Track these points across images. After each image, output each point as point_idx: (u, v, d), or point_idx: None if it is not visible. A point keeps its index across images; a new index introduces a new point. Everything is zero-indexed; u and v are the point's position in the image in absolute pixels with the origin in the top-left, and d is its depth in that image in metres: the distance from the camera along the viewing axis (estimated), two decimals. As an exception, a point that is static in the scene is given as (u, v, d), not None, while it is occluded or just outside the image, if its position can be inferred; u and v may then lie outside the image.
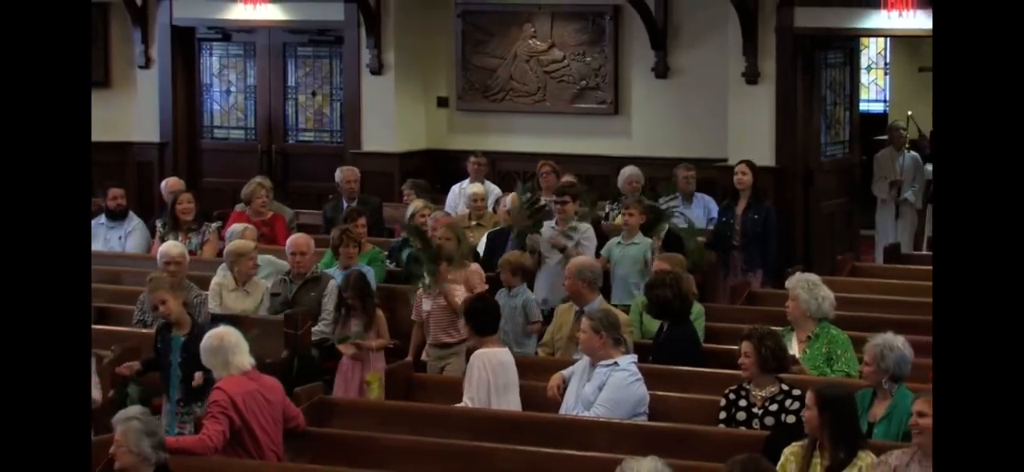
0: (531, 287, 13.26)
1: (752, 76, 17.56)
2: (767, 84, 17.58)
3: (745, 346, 9.83)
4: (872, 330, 9.99)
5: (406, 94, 19.35)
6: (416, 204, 15.00)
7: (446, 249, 12.75)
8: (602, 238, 14.21)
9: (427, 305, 12.50)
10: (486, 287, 12.75)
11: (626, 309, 12.37)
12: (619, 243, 13.82)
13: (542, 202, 15.21)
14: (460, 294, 12.27)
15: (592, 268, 12.09)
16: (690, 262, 13.32)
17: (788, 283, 11.31)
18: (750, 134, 17.59)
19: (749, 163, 15.43)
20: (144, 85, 20.43)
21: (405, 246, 14.31)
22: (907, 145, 18.68)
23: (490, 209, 15.72)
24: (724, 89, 17.83)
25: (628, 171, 16.47)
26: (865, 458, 8.35)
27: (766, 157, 17.45)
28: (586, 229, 13.97)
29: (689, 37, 18.35)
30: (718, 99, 17.90)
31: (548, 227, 13.98)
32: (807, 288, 11.02)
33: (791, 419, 9.44)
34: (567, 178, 16.11)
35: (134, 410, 9.16)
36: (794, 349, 10.83)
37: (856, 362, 10.51)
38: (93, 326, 12.70)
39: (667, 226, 14.30)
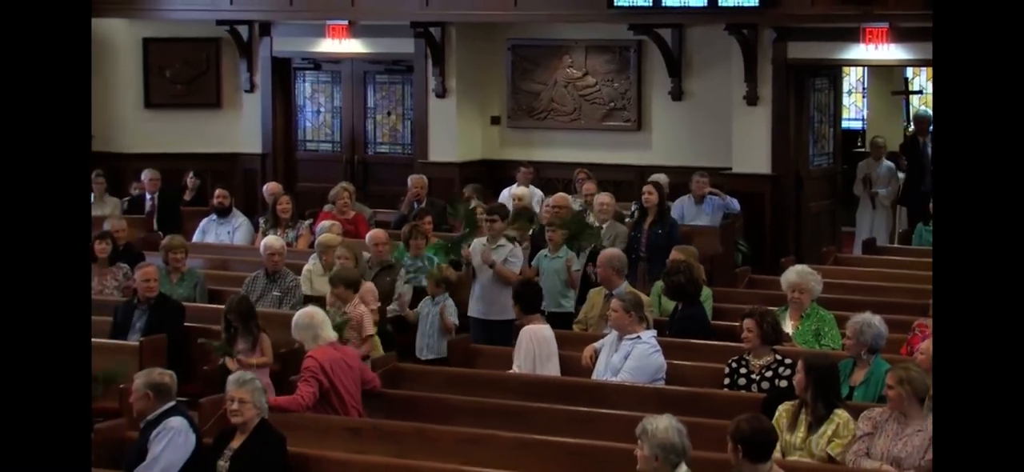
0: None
1: (752, 99, 17.52)
2: (764, 105, 17.55)
3: (747, 323, 9.94)
4: (852, 310, 10.10)
5: (465, 114, 19.34)
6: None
7: (345, 270, 12.07)
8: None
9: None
10: (378, 304, 12.21)
11: (554, 316, 12.28)
12: (546, 256, 13.08)
13: (581, 207, 15.21)
14: (368, 322, 11.49)
15: (620, 258, 12.05)
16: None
17: (792, 275, 11.25)
18: (750, 147, 17.62)
19: (656, 184, 14.39)
20: (249, 106, 20.47)
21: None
22: (884, 155, 18.62)
23: (536, 209, 15.71)
24: (729, 109, 17.80)
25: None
26: (841, 415, 8.56)
27: (764, 166, 17.54)
28: (513, 248, 12.75)
29: (700, 67, 18.31)
30: (724, 118, 17.86)
31: (478, 243, 12.84)
32: (814, 278, 11.13)
33: (783, 384, 9.50)
34: (589, 186, 16.14)
35: (248, 374, 9.19)
36: (788, 327, 10.85)
37: (839, 337, 10.51)
38: (204, 304, 12.83)
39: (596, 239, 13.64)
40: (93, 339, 10.86)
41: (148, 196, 17.53)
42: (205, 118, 20.52)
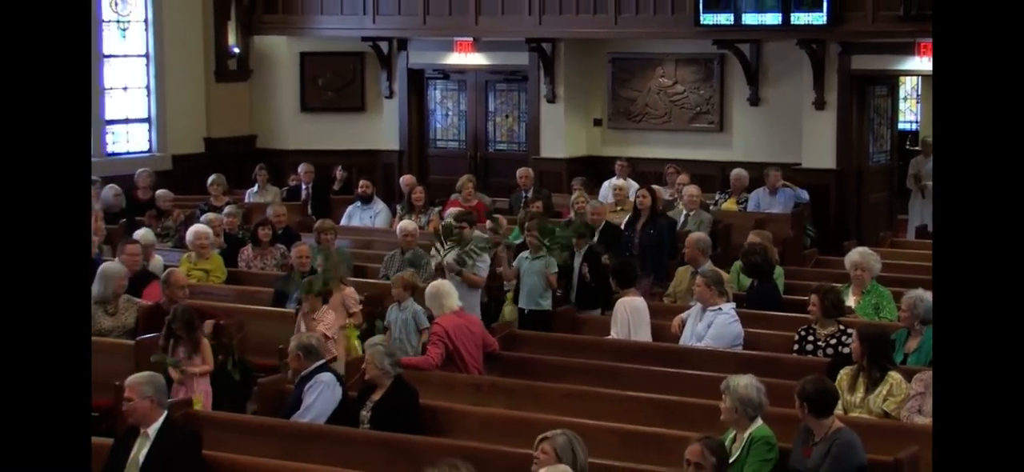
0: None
1: (820, 104, 17.34)
2: (830, 110, 17.36)
3: (813, 298, 9.89)
4: (907, 287, 10.01)
5: (572, 116, 19.30)
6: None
7: (324, 275, 10.74)
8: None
9: (303, 327, 10.24)
10: (360, 308, 11.10)
11: (534, 314, 11.66)
12: (527, 258, 11.97)
13: (670, 197, 15.06)
14: (327, 321, 10.31)
15: (705, 241, 11.95)
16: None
17: (855, 255, 11.12)
18: (817, 145, 17.43)
19: (650, 189, 13.56)
20: (388, 110, 20.57)
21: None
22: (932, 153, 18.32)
23: (630, 198, 15.63)
24: (799, 113, 17.63)
25: (735, 172, 16.65)
26: (894, 377, 8.47)
27: (829, 162, 17.38)
28: (482, 254, 11.90)
29: (774, 76, 18.14)
30: (795, 120, 17.69)
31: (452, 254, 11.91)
32: (873, 258, 11.00)
33: (846, 350, 9.34)
34: (682, 177, 16.08)
35: (379, 337, 9.23)
36: (851, 301, 10.72)
37: (896, 310, 10.38)
38: (351, 278, 12.90)
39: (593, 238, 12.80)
40: (256, 307, 11.14)
41: (303, 186, 17.67)
42: (351, 120, 20.66)
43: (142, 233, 13.24)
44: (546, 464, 6.55)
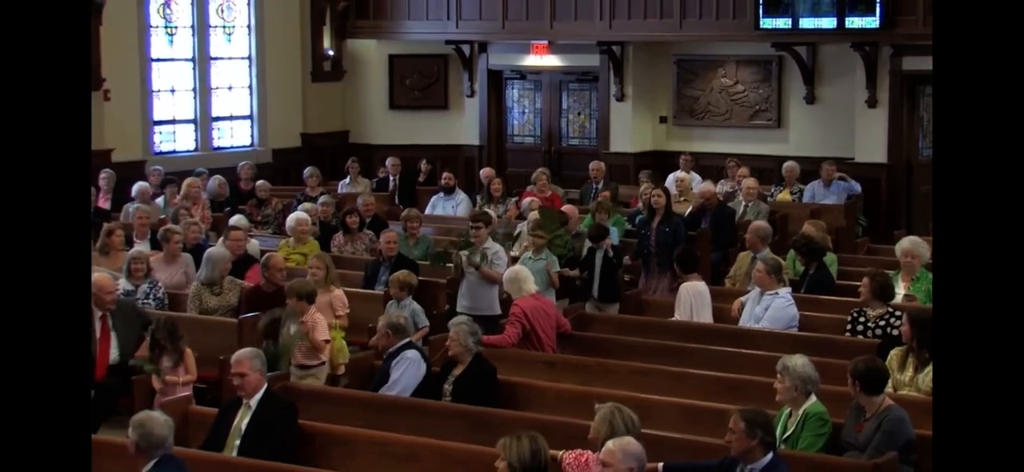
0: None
1: (872, 102, 17.17)
2: (882, 108, 17.16)
3: (865, 281, 9.77)
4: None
5: (639, 114, 19.22)
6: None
7: (300, 282, 10.04)
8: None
9: (292, 329, 9.77)
10: (347, 310, 10.52)
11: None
12: (529, 258, 11.65)
13: (730, 189, 14.94)
14: (321, 329, 9.74)
15: (765, 229, 11.88)
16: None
17: (906, 244, 10.96)
18: (870, 141, 17.25)
19: (664, 188, 13.22)
20: (470, 108, 20.60)
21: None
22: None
23: (693, 190, 15.55)
24: (852, 111, 17.45)
25: (788, 164, 16.49)
26: None
27: (881, 156, 17.21)
28: (497, 249, 11.51)
29: (829, 76, 17.98)
30: (848, 117, 17.52)
31: (464, 252, 11.51)
32: (923, 246, 10.82)
33: (895, 332, 9.25)
34: (742, 170, 15.97)
35: (464, 317, 9.24)
36: (900, 287, 10.57)
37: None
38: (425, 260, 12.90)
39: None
40: (347, 289, 11.20)
41: (391, 178, 17.75)
42: (435, 117, 20.71)
43: (237, 219, 13.38)
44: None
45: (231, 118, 19.70)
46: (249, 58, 19.82)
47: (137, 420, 6.61)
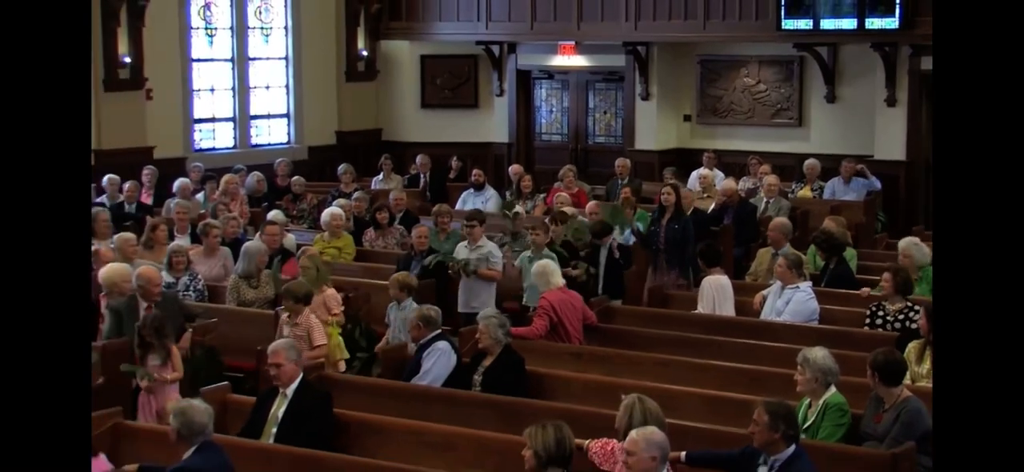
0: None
1: (891, 101, 17.07)
2: (901, 107, 17.06)
3: (886, 276, 9.73)
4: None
5: (663, 113, 19.18)
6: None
7: (295, 284, 9.68)
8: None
9: (286, 331, 9.32)
10: (341, 308, 10.15)
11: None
12: (529, 257, 11.36)
13: (752, 186, 14.89)
14: (317, 332, 9.42)
15: (786, 225, 11.86)
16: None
17: (901, 244, 10.95)
18: (889, 139, 17.14)
19: (674, 186, 12.84)
20: (499, 107, 20.60)
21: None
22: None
23: (716, 186, 15.50)
24: (872, 109, 17.36)
25: (809, 162, 16.41)
26: None
27: (899, 154, 17.09)
28: (492, 248, 11.46)
29: (849, 76, 17.89)
30: (868, 116, 17.42)
31: (461, 248, 11.51)
32: (920, 248, 10.72)
33: (913, 326, 9.19)
34: (764, 168, 15.90)
35: (493, 309, 9.23)
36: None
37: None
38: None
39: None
40: (380, 281, 11.18)
41: (422, 175, 17.77)
42: (465, 115, 20.72)
43: (273, 214, 13.43)
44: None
45: (268, 117, 19.78)
46: (286, 58, 19.88)
47: (178, 408, 6.63)
